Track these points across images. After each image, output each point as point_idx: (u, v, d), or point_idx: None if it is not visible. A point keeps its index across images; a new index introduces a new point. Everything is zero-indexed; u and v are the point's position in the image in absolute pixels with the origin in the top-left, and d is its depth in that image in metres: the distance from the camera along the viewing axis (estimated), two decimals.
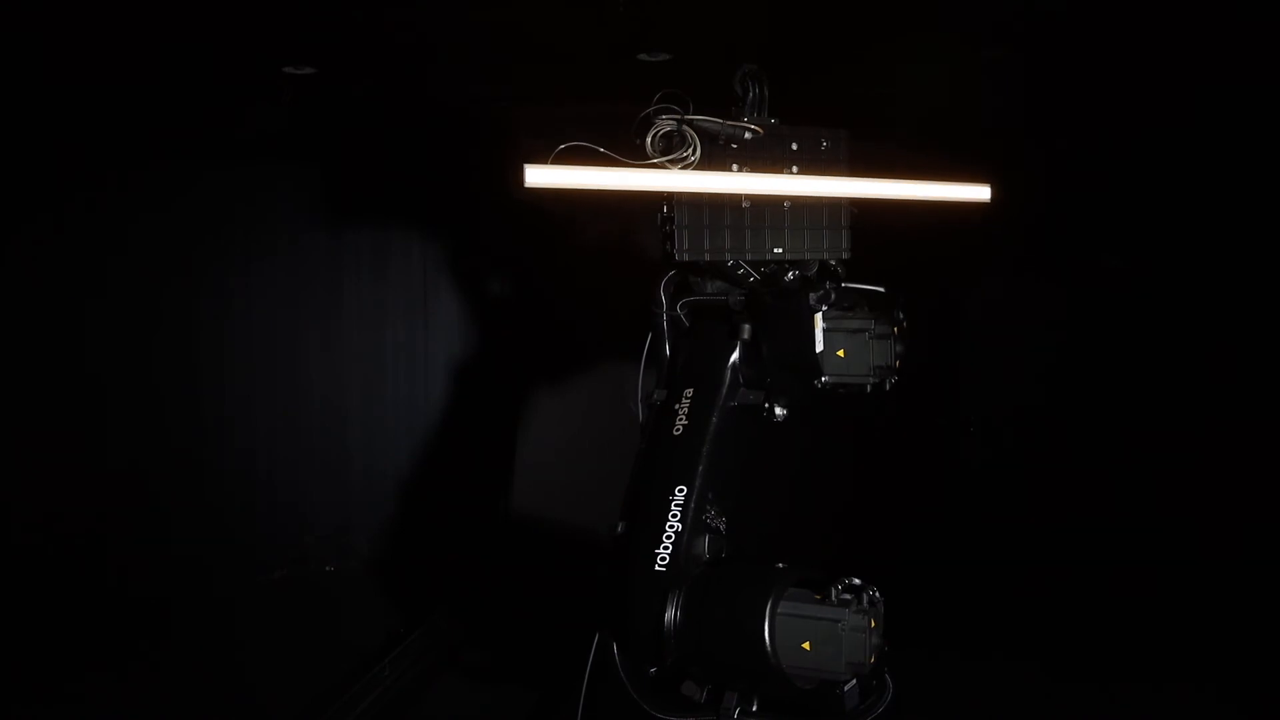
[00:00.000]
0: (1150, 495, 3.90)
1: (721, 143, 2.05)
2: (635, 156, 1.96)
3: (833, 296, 2.22)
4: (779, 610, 1.96)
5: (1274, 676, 3.20)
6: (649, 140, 1.97)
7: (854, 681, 2.01)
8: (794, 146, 2.15)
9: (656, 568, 2.09)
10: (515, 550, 4.24)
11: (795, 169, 2.15)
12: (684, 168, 1.98)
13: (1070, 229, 4.08)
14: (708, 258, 2.13)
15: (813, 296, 2.21)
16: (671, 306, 2.30)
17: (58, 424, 4.02)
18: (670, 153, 1.98)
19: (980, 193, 2.35)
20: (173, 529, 4.15)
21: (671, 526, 2.11)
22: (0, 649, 3.56)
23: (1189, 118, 3.78)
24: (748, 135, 2.07)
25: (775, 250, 2.18)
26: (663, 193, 2.07)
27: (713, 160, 2.05)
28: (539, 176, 1.82)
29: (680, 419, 2.22)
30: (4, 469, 3.93)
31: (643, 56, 3.51)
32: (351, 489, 4.53)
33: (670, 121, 1.98)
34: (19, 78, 3.69)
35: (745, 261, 2.17)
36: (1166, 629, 3.54)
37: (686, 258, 2.12)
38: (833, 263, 2.28)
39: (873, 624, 1.93)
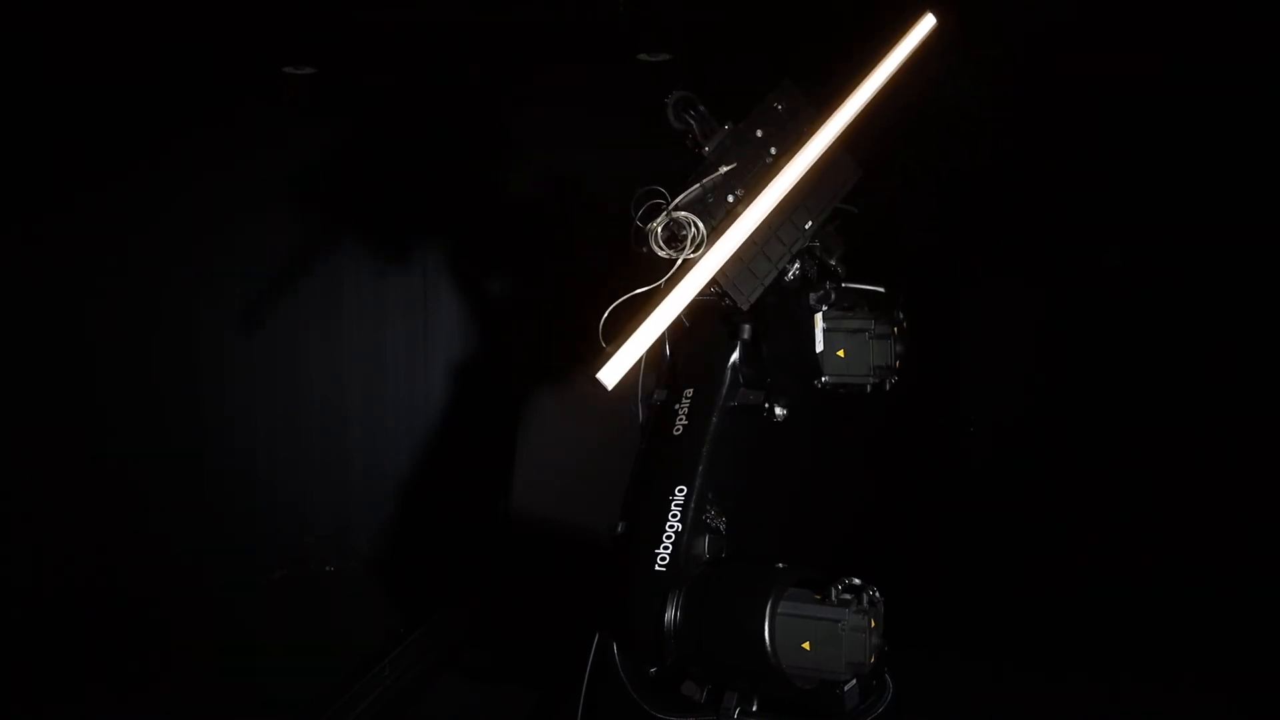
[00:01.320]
0: (1150, 495, 3.90)
1: (710, 200, 2.06)
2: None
3: (833, 296, 2.22)
4: (779, 610, 1.97)
5: (1277, 676, 3.19)
6: (656, 245, 1.99)
7: (854, 681, 2.01)
8: (759, 133, 2.12)
9: (656, 568, 2.09)
10: (515, 550, 4.24)
11: (774, 150, 2.12)
12: (696, 248, 2.00)
13: (1070, 229, 4.07)
14: (768, 282, 2.13)
15: (813, 296, 2.21)
16: None
17: (57, 424, 4.01)
18: (678, 241, 2.01)
19: (925, 25, 2.20)
20: (172, 529, 4.15)
21: (671, 526, 2.11)
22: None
23: (1190, 117, 3.78)
24: (724, 170, 2.07)
25: (808, 225, 2.17)
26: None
27: (714, 211, 2.06)
28: (613, 373, 1.94)
29: (680, 419, 2.22)
30: (2, 469, 3.93)
31: (643, 56, 3.52)
32: (351, 489, 4.53)
33: (661, 219, 2.00)
34: (19, 78, 3.69)
35: (790, 252, 2.16)
36: (1168, 628, 3.53)
37: (754, 299, 2.12)
38: (833, 262, 2.28)
39: (873, 624, 1.93)
